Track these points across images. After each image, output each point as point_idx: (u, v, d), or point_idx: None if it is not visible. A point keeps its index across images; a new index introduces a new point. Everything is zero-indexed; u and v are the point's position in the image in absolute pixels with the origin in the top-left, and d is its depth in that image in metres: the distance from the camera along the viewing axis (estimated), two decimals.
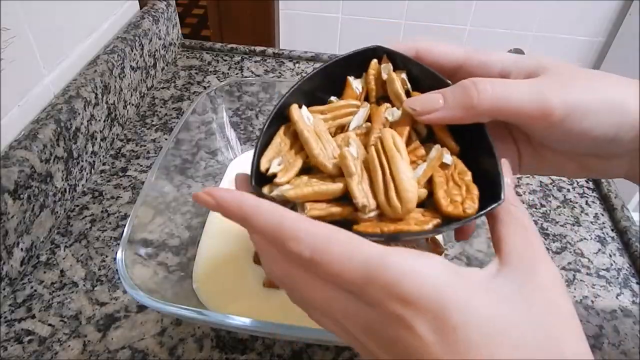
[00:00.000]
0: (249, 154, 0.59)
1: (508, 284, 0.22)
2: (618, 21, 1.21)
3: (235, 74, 0.76)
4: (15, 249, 0.44)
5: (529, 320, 0.21)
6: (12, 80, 0.47)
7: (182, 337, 0.42)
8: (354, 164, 0.26)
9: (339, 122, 0.32)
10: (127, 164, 0.59)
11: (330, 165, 0.28)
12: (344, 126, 0.32)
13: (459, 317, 0.20)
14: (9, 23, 0.45)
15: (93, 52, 0.61)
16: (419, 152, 0.29)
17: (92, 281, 0.46)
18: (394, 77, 0.32)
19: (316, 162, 0.28)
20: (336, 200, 0.27)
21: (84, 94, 0.54)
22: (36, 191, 0.46)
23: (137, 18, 0.70)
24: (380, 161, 0.27)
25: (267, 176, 0.28)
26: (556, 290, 0.22)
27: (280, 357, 0.41)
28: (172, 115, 0.67)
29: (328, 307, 0.23)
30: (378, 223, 0.26)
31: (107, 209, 0.53)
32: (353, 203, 0.26)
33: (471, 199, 0.26)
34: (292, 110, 0.30)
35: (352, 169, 0.26)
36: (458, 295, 0.20)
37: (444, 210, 0.26)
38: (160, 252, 0.43)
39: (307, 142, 0.28)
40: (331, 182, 0.27)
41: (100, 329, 0.42)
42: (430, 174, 0.28)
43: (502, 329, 0.20)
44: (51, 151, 0.48)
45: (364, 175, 0.27)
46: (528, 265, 0.22)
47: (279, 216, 0.23)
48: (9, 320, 0.42)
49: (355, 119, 0.31)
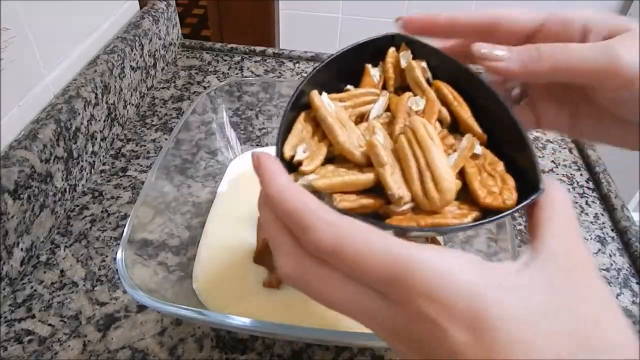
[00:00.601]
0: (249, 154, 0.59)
1: (543, 273, 0.21)
2: None
3: (235, 74, 0.76)
4: (15, 249, 0.44)
5: (567, 308, 0.20)
6: (12, 80, 0.47)
7: (182, 337, 0.42)
8: (385, 153, 0.25)
9: (358, 110, 0.30)
10: (127, 164, 0.59)
11: (358, 153, 0.26)
12: (364, 115, 0.30)
13: (494, 318, 0.19)
14: (9, 23, 0.45)
15: (93, 52, 0.61)
16: (449, 141, 0.27)
17: (92, 281, 0.46)
18: (414, 65, 0.30)
19: (342, 150, 0.26)
20: (364, 192, 0.25)
21: (84, 94, 0.54)
22: (36, 191, 0.46)
23: (137, 18, 0.70)
24: (413, 151, 0.25)
25: (290, 164, 0.26)
26: (593, 275, 0.21)
27: (280, 357, 0.41)
28: (172, 115, 0.67)
29: (348, 306, 0.22)
30: (413, 216, 0.24)
31: (107, 209, 0.53)
32: (383, 195, 0.24)
33: (508, 189, 0.25)
34: (313, 96, 0.28)
35: (384, 158, 0.24)
36: (492, 295, 0.19)
37: (482, 202, 0.24)
38: (160, 252, 0.43)
39: (332, 129, 0.26)
40: (360, 173, 0.25)
41: (100, 329, 0.42)
42: (462, 165, 0.26)
43: (539, 322, 0.19)
44: (51, 151, 0.48)
45: (395, 165, 0.25)
46: (565, 252, 0.21)
47: (303, 203, 0.21)
48: (9, 320, 0.42)
49: (375, 107, 0.30)
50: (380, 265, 0.20)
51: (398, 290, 0.20)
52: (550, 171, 0.63)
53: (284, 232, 0.23)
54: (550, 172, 0.63)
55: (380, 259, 0.20)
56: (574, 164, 0.64)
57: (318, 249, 0.21)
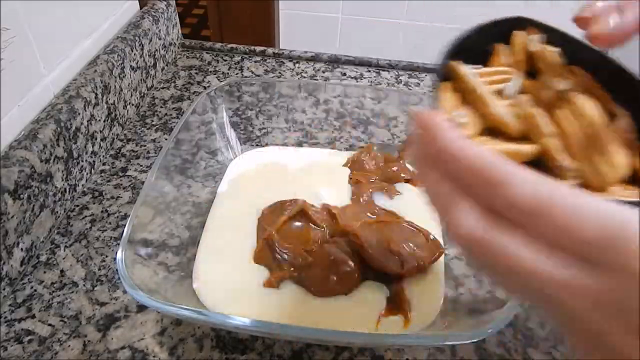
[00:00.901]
0: (249, 154, 0.59)
1: None
2: None
3: (235, 74, 0.76)
4: (15, 249, 0.44)
5: None
6: (12, 80, 0.47)
7: (182, 337, 0.42)
8: (546, 123, 0.23)
9: (494, 87, 0.28)
10: (127, 164, 0.59)
11: (515, 123, 0.24)
12: (498, 93, 0.28)
13: None
14: (9, 23, 0.45)
15: (93, 52, 0.61)
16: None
17: (92, 281, 0.46)
18: (547, 49, 0.28)
19: (496, 121, 0.24)
20: None
21: (84, 94, 0.54)
22: (36, 191, 0.46)
23: (137, 18, 0.70)
24: (579, 124, 0.23)
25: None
26: None
27: (280, 357, 0.41)
28: (172, 115, 0.67)
29: (544, 277, 0.18)
30: None
31: (107, 209, 0.53)
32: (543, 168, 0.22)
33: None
34: (461, 67, 0.26)
35: (546, 128, 0.22)
36: None
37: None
38: (160, 252, 0.43)
39: (484, 98, 0.24)
40: (519, 144, 0.23)
41: (100, 329, 0.42)
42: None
43: None
44: (51, 151, 0.48)
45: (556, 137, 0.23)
46: None
47: (491, 157, 0.19)
48: (9, 320, 0.42)
49: (510, 85, 0.28)
50: (594, 227, 0.17)
51: (614, 255, 0.17)
52: None
53: (459, 191, 0.20)
54: None
55: (594, 221, 0.17)
56: None
57: (514, 205, 0.18)
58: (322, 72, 0.77)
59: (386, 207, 0.52)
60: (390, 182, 0.55)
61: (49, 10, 0.51)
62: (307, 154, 0.60)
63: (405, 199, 0.53)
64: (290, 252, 0.45)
